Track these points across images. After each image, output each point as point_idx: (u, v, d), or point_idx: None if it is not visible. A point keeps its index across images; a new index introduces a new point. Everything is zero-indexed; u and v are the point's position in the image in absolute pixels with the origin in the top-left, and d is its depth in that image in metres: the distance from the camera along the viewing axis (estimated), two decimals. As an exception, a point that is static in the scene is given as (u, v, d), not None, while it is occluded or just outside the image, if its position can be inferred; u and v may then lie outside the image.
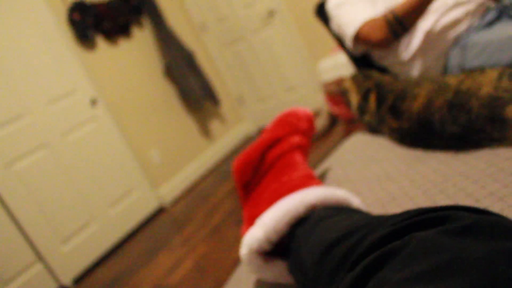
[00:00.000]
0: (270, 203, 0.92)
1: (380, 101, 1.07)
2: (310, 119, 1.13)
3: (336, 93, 2.32)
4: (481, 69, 0.90)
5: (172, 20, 3.99)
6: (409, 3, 1.48)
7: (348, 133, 2.17)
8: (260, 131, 4.49)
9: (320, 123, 3.34)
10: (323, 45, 3.59)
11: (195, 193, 3.28)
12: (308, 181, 0.95)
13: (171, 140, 3.61)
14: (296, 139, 1.07)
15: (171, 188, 3.20)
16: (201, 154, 3.83)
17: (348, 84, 1.22)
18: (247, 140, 4.38)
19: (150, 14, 3.77)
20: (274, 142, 1.09)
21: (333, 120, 2.93)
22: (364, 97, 1.13)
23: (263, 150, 1.08)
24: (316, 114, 3.34)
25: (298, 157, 1.05)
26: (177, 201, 3.19)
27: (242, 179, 1.06)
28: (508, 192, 0.67)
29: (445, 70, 1.51)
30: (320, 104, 3.90)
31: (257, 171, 1.07)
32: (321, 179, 1.09)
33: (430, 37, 1.56)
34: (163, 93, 3.77)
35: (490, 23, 1.48)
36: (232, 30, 4.24)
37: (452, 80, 0.92)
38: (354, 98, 1.19)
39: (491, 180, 0.73)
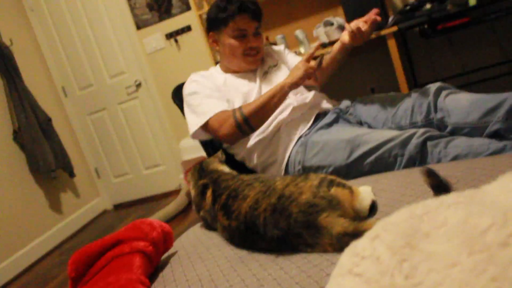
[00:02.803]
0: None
1: (215, 198, 1.11)
2: (164, 231, 1.15)
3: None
4: (306, 175, 1.00)
5: (30, 81, 3.79)
6: (255, 104, 1.60)
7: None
8: (117, 206, 4.33)
9: (178, 202, 3.34)
10: (186, 124, 3.67)
11: (33, 274, 2.99)
12: (135, 285, 0.94)
13: (12, 214, 3.27)
14: (140, 244, 1.08)
15: (5, 270, 2.88)
16: (48, 231, 3.54)
17: (189, 178, 1.26)
18: (102, 217, 4.18)
19: (4, 71, 3.55)
20: (117, 242, 1.08)
21: (191, 200, 2.94)
22: (201, 193, 1.17)
23: (104, 247, 1.07)
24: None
25: (137, 261, 1.04)
26: (9, 285, 2.87)
27: (74, 272, 1.03)
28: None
29: (287, 166, 1.64)
30: (179, 182, 3.93)
31: (91, 268, 1.05)
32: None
33: (277, 133, 1.70)
34: (8, 159, 3.47)
35: (329, 125, 1.66)
36: (97, 98, 4.16)
37: (278, 184, 1.00)
38: (193, 192, 1.23)
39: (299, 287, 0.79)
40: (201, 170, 1.24)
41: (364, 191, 1.01)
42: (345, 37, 1.70)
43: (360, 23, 1.63)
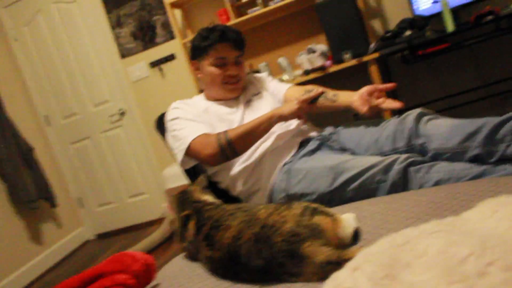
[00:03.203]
0: None
1: (198, 228, 1.10)
2: (147, 263, 1.13)
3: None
4: (289, 204, 1.00)
5: (13, 110, 3.76)
6: (241, 130, 1.61)
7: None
8: (100, 236, 4.26)
9: (161, 231, 3.30)
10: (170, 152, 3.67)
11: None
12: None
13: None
14: (122, 277, 1.06)
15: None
16: (28, 263, 3.46)
17: (172, 206, 1.25)
18: (85, 247, 4.10)
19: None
20: (97, 276, 1.06)
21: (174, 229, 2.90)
22: (184, 224, 1.16)
23: (84, 282, 1.05)
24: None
25: None
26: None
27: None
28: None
29: (271, 194, 1.64)
30: (163, 211, 3.89)
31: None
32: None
33: (261, 160, 1.70)
34: (-11, 190, 3.41)
35: (312, 152, 1.67)
36: (80, 127, 4.14)
37: (262, 213, 1.00)
38: (176, 223, 1.21)
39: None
40: (184, 201, 1.22)
41: (347, 218, 1.01)
42: (359, 106, 1.57)
43: (380, 100, 1.53)
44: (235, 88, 1.84)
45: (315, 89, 1.72)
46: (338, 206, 1.28)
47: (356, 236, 0.99)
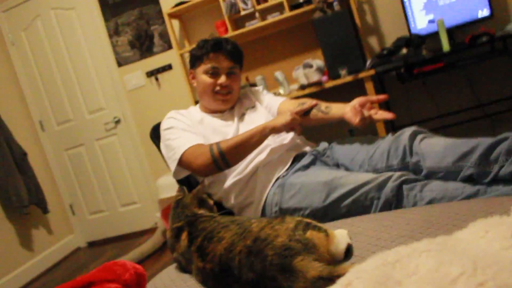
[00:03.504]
0: None
1: (191, 240, 1.10)
2: (138, 273, 1.12)
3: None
4: (282, 218, 1.00)
5: (7, 114, 3.75)
6: (234, 141, 1.61)
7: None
8: (91, 244, 4.24)
9: (153, 241, 3.29)
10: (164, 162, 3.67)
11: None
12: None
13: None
14: (112, 286, 1.05)
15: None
16: (18, 268, 3.43)
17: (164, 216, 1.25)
18: (75, 254, 4.07)
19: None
20: (88, 284, 1.05)
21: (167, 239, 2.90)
22: (176, 236, 1.16)
23: None
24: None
25: None
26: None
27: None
28: None
29: (264, 207, 1.64)
30: (156, 220, 3.87)
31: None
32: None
33: (254, 174, 1.70)
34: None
35: (306, 166, 1.67)
36: (74, 133, 4.13)
37: (255, 226, 1.00)
38: (168, 234, 1.21)
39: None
40: (178, 213, 1.22)
41: (340, 234, 1.01)
42: (351, 117, 1.56)
43: (372, 111, 1.53)
44: (226, 100, 1.85)
45: (308, 102, 1.73)
46: (331, 222, 1.28)
47: (348, 253, 1.00)
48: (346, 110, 1.58)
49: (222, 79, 1.81)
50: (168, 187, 3.13)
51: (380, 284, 0.54)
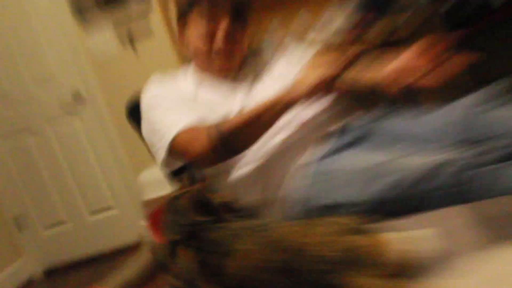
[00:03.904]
0: None
1: (193, 258, 1.11)
2: None
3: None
4: (314, 221, 1.01)
5: None
6: (238, 120, 1.61)
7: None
8: (49, 272, 4.24)
9: (139, 263, 3.31)
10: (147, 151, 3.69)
11: None
12: None
13: None
14: None
15: None
16: None
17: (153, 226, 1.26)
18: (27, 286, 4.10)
19: None
20: None
21: (158, 260, 2.93)
22: (171, 253, 1.16)
23: None
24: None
25: None
26: None
27: None
28: None
29: (287, 205, 1.63)
30: (140, 232, 3.88)
31: None
32: None
33: (270, 162, 1.71)
34: None
35: (342, 148, 1.66)
36: (17, 114, 4.09)
37: (278, 233, 1.01)
38: (160, 251, 1.23)
39: None
40: (173, 220, 1.23)
41: (406, 237, 1.01)
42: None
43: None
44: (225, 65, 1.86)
45: (353, 49, 1.65)
46: (383, 222, 1.28)
47: (425, 262, 0.99)
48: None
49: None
50: (154, 183, 3.14)
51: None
